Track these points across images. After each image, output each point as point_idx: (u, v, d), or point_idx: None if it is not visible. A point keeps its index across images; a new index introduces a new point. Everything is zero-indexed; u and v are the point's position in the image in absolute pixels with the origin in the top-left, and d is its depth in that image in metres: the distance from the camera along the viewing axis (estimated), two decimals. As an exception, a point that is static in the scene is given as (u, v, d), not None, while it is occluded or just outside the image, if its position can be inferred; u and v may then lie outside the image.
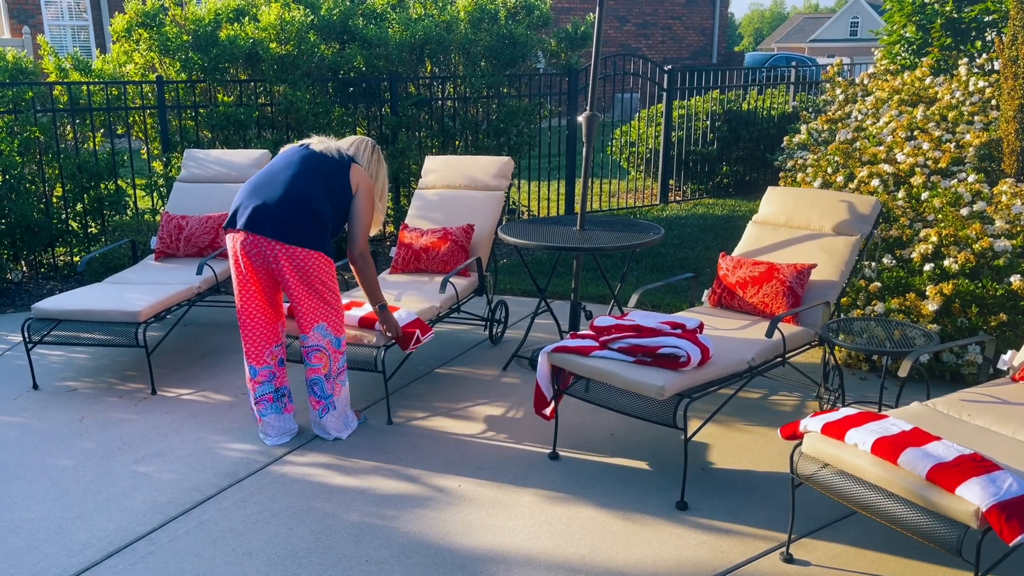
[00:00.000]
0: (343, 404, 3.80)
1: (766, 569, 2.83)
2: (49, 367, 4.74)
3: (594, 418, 4.01)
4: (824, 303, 3.86)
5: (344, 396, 3.80)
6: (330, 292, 3.67)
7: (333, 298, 3.69)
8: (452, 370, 4.64)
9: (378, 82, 7.48)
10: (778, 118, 9.90)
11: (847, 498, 2.62)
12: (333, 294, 3.69)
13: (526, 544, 2.99)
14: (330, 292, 3.67)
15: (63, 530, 3.10)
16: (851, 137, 6.38)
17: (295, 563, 2.89)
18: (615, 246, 4.10)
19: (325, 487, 3.39)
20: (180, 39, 6.82)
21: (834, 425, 2.68)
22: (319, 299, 3.63)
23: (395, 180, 7.61)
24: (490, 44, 7.87)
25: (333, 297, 3.69)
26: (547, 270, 6.69)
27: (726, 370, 3.37)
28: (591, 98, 4.45)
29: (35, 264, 6.59)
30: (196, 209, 5.40)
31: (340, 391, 3.77)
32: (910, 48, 8.33)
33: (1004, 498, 2.24)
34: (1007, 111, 5.56)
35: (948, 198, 5.02)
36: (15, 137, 6.26)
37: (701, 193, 9.93)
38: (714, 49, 22.23)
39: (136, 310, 4.20)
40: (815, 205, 4.25)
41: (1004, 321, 4.21)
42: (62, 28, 16.22)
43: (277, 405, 3.76)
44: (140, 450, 3.72)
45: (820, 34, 48.13)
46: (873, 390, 4.28)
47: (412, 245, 4.82)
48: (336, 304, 3.71)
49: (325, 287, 3.63)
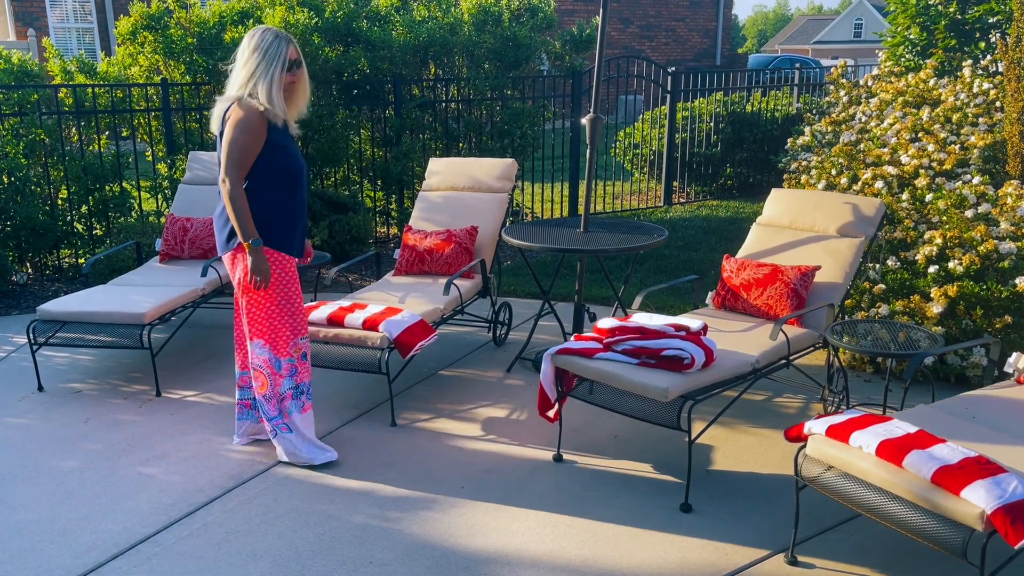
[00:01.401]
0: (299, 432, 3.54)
1: (770, 572, 2.83)
2: (54, 369, 4.76)
3: (598, 420, 4.01)
4: (828, 305, 3.85)
5: (300, 424, 3.53)
6: (267, 299, 3.39)
7: (270, 303, 3.40)
8: (456, 372, 4.65)
9: (382, 84, 7.49)
10: (782, 120, 9.89)
11: (852, 501, 2.61)
12: (272, 303, 3.39)
13: (530, 546, 2.99)
14: (267, 299, 3.39)
15: (68, 531, 3.11)
16: (855, 139, 6.37)
17: (299, 565, 2.89)
18: (619, 248, 4.10)
19: (329, 489, 3.39)
20: (185, 42, 6.84)
21: (838, 427, 2.67)
22: (251, 308, 3.42)
23: (399, 182, 7.62)
24: (494, 46, 7.88)
25: (273, 307, 3.40)
26: (551, 272, 6.69)
27: (730, 372, 3.37)
28: (595, 100, 4.45)
29: (40, 266, 6.61)
30: (201, 211, 5.41)
31: (292, 418, 3.51)
32: (914, 50, 8.32)
33: (1009, 501, 2.24)
34: (1011, 113, 5.55)
35: (952, 200, 5.01)
36: (20, 139, 6.27)
37: (705, 195, 9.92)
38: (718, 51, 22.22)
39: (141, 312, 4.21)
40: (819, 207, 4.24)
41: (1009, 323, 4.20)
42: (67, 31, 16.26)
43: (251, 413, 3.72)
44: (145, 452, 3.73)
45: (824, 36, 48.09)
46: (877, 392, 4.27)
47: (416, 247, 4.83)
48: (272, 312, 3.41)
49: (256, 293, 3.38)
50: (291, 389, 3.50)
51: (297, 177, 3.44)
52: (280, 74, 3.31)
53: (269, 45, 3.29)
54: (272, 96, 3.29)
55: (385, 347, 3.85)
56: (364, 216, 7.05)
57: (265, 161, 3.35)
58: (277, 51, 3.30)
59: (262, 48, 3.29)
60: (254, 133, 3.28)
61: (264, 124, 3.31)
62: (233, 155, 3.27)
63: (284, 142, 3.40)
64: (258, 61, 3.29)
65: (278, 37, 3.31)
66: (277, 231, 3.40)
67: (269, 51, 3.29)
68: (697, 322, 3.45)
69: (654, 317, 3.54)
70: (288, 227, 3.43)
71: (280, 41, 3.31)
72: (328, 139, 7.20)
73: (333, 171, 7.57)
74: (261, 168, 3.35)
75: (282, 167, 3.39)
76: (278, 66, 3.30)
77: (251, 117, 3.27)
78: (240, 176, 3.30)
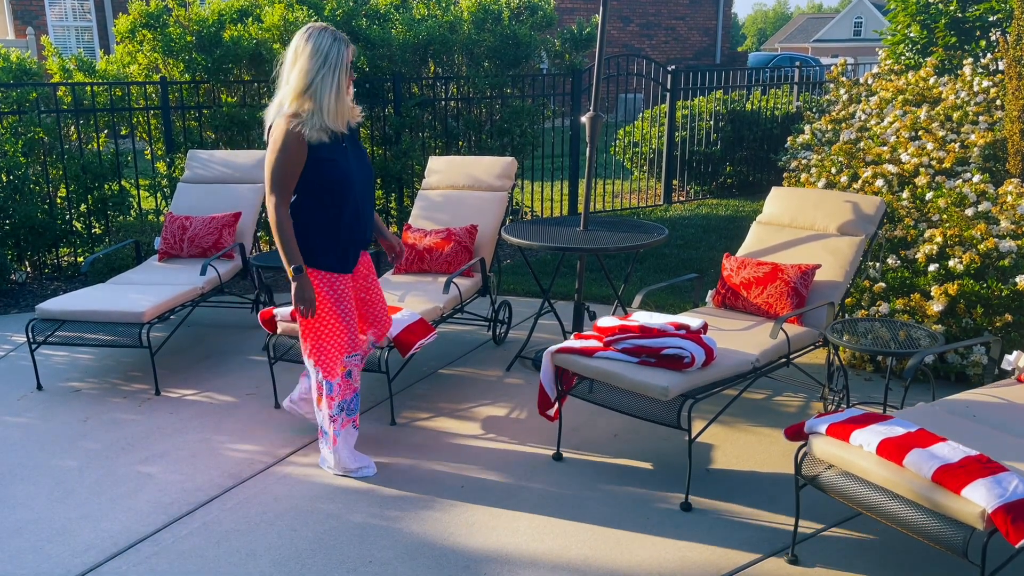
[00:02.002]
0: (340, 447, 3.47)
1: (771, 571, 2.82)
2: (53, 368, 4.75)
3: (598, 419, 4.01)
4: (828, 304, 3.85)
5: (340, 442, 3.45)
6: (318, 323, 3.27)
7: (320, 326, 3.28)
8: (455, 371, 4.64)
9: (381, 83, 7.48)
10: (782, 118, 9.89)
11: (852, 499, 2.61)
12: (322, 325, 3.28)
13: (530, 545, 2.99)
14: (318, 323, 3.27)
15: (67, 531, 3.10)
16: (855, 137, 6.36)
17: (299, 564, 2.88)
18: (619, 247, 4.09)
19: (329, 488, 3.39)
20: (184, 40, 6.83)
21: (839, 426, 2.67)
22: (303, 328, 3.32)
23: (399, 181, 7.62)
24: (494, 44, 7.87)
25: (322, 329, 3.29)
26: (551, 271, 6.69)
27: (730, 371, 3.36)
28: (595, 98, 4.44)
29: (39, 265, 6.60)
30: (200, 210, 5.40)
31: (336, 440, 3.43)
32: (914, 48, 8.31)
33: (1010, 499, 2.23)
34: (1012, 111, 5.54)
35: (953, 198, 5.00)
36: (19, 138, 6.26)
37: (705, 193, 9.92)
38: (717, 49, 22.21)
39: (140, 311, 4.21)
40: (819, 205, 4.24)
41: (1009, 322, 4.20)
42: (66, 29, 16.25)
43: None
44: (144, 451, 3.73)
45: (824, 34, 48.06)
46: (878, 391, 4.27)
47: (416, 246, 4.82)
48: (321, 334, 3.30)
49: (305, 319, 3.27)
50: (346, 405, 3.41)
51: (343, 190, 3.21)
52: (345, 80, 3.11)
53: (329, 48, 3.07)
54: (335, 106, 3.10)
55: (385, 346, 3.85)
56: (364, 215, 7.04)
57: (309, 178, 3.18)
58: (338, 56, 3.08)
59: (322, 52, 3.05)
60: (291, 153, 3.09)
61: (302, 143, 3.11)
62: (275, 175, 3.12)
63: (332, 155, 3.18)
64: (318, 67, 3.05)
65: (337, 39, 3.09)
66: (320, 249, 3.23)
67: (330, 55, 3.06)
68: (697, 321, 3.44)
69: (654, 316, 3.53)
70: (332, 243, 3.24)
71: (339, 43, 3.09)
72: (327, 137, 7.18)
73: (332, 170, 7.55)
74: (307, 185, 3.19)
75: (326, 181, 3.19)
76: (342, 72, 3.09)
77: (288, 137, 3.08)
78: (284, 196, 3.14)
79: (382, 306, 3.61)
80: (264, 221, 7.01)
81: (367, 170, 3.36)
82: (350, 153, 3.28)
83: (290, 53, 3.13)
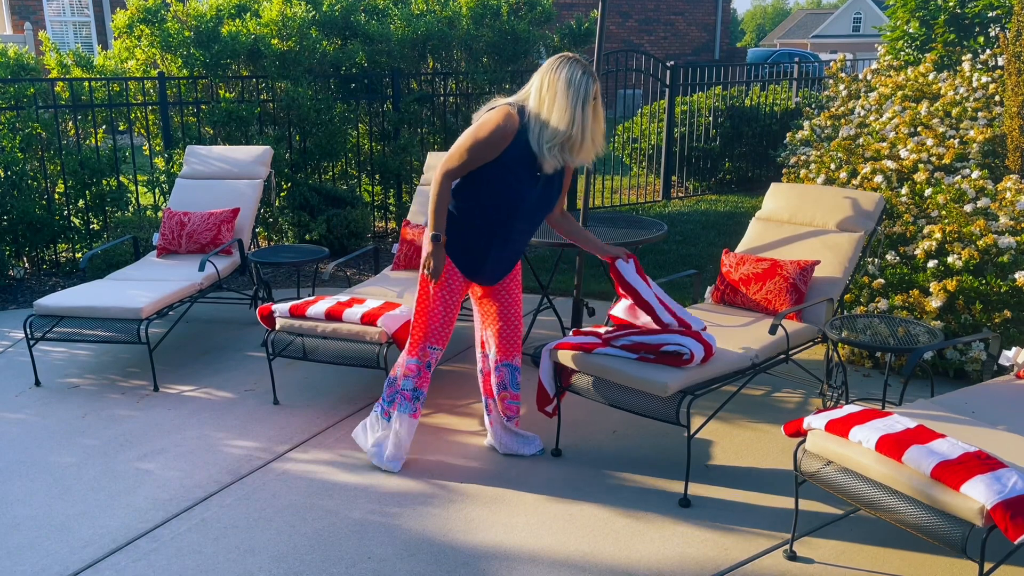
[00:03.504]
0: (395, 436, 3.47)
1: (769, 567, 2.83)
2: (51, 364, 4.74)
3: (596, 415, 4.00)
4: (828, 300, 3.85)
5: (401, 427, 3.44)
6: (422, 296, 3.33)
7: (421, 306, 3.35)
8: (454, 367, 4.64)
9: (380, 78, 7.47)
10: (781, 114, 9.88)
11: (851, 495, 2.61)
12: (423, 300, 3.33)
13: (529, 541, 2.99)
14: (422, 296, 3.33)
15: (65, 527, 3.10)
16: (854, 133, 6.36)
17: (298, 560, 2.88)
18: (618, 243, 4.09)
19: (328, 484, 3.38)
20: (182, 35, 6.81)
21: (838, 422, 2.67)
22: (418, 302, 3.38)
23: (397, 176, 7.61)
24: (492, 40, 7.86)
25: (422, 304, 3.35)
26: (549, 267, 6.68)
27: (729, 367, 3.36)
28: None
29: (37, 261, 6.59)
30: (198, 205, 5.40)
31: (395, 421, 3.45)
32: (913, 44, 8.31)
33: (1009, 496, 2.23)
34: (1011, 107, 5.54)
35: (952, 194, 5.00)
36: (17, 133, 6.25)
37: (704, 189, 9.91)
38: (716, 45, 22.19)
39: (138, 307, 4.20)
40: (818, 201, 4.24)
41: (1008, 318, 4.20)
42: (64, 24, 16.21)
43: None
44: (142, 447, 3.72)
45: (823, 30, 48.03)
46: (877, 387, 4.27)
47: (414, 242, 4.82)
48: (415, 313, 3.37)
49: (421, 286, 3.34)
50: (410, 391, 3.41)
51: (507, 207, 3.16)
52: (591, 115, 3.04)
53: (580, 82, 3.00)
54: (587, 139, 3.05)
55: (383, 342, 3.85)
56: (362, 210, 7.04)
57: (490, 178, 3.13)
58: (588, 91, 3.00)
59: (574, 86, 2.99)
60: (494, 142, 3.04)
61: (507, 140, 3.06)
62: (461, 151, 3.08)
63: (517, 168, 3.11)
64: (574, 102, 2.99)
65: (586, 73, 3.01)
66: (461, 248, 3.25)
67: (582, 90, 2.99)
68: (697, 320, 3.44)
69: (665, 295, 3.50)
70: (473, 247, 3.25)
71: (588, 78, 3.01)
72: (326, 133, 7.18)
73: (331, 165, 7.55)
74: (488, 184, 3.14)
75: (497, 191, 3.14)
76: (589, 108, 3.02)
77: (502, 127, 3.03)
78: (455, 173, 3.11)
79: (515, 323, 3.50)
80: (262, 217, 7.01)
81: (545, 201, 3.28)
82: (541, 180, 3.20)
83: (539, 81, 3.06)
